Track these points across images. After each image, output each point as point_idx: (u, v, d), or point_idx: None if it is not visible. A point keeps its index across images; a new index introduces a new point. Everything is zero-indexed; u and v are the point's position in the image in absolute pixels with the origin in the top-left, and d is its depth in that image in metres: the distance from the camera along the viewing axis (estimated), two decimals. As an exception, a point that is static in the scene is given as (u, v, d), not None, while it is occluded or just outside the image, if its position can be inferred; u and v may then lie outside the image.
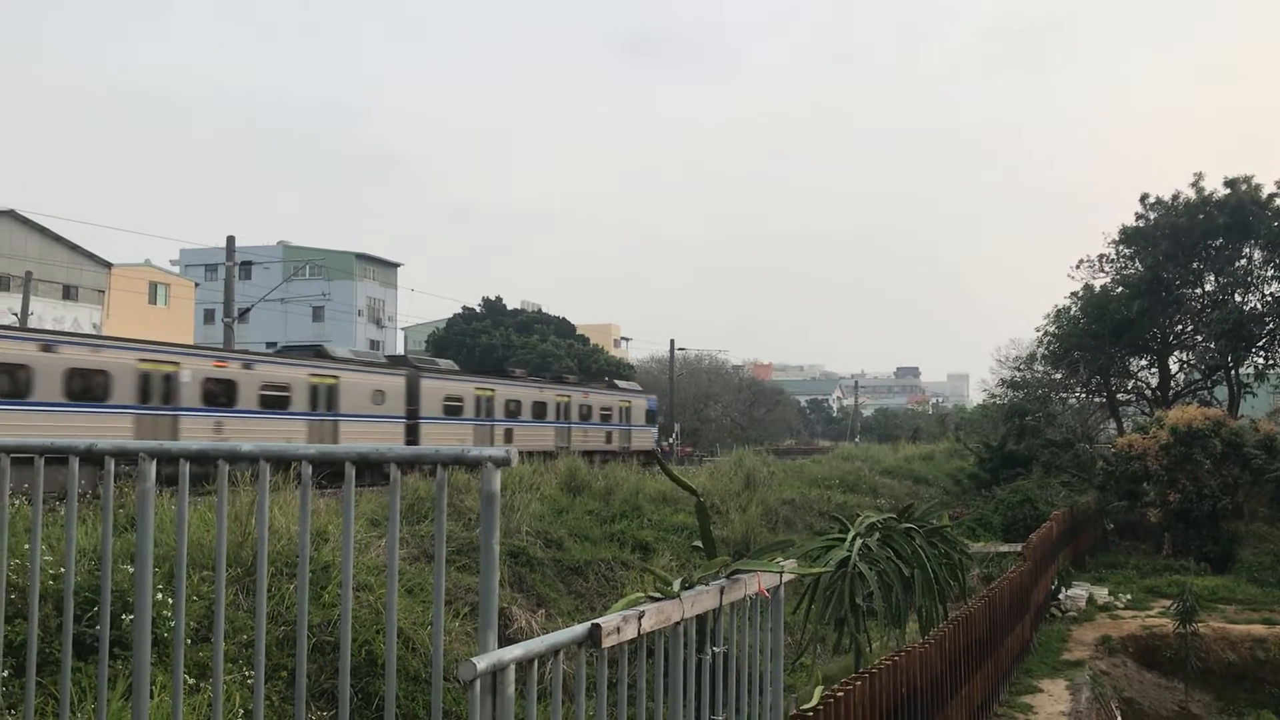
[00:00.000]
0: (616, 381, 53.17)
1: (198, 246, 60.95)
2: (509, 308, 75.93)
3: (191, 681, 7.30)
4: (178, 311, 63.42)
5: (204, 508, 11.42)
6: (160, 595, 6.78)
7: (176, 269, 74.81)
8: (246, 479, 11.81)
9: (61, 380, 22.54)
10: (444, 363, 39.63)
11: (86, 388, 23.19)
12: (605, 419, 46.22)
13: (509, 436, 38.49)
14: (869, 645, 11.26)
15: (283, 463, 3.85)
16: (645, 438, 49.24)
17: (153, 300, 61.62)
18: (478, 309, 74.29)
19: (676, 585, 4.76)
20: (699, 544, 6.13)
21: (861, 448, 65.99)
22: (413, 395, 33.87)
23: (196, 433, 25.35)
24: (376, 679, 9.03)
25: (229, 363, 27.33)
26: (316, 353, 32.54)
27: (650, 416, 51.18)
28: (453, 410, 35.90)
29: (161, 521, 9.11)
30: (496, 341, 68.20)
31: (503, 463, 3.26)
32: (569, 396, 43.35)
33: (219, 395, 26.40)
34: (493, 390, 38.36)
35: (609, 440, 45.75)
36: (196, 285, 68.95)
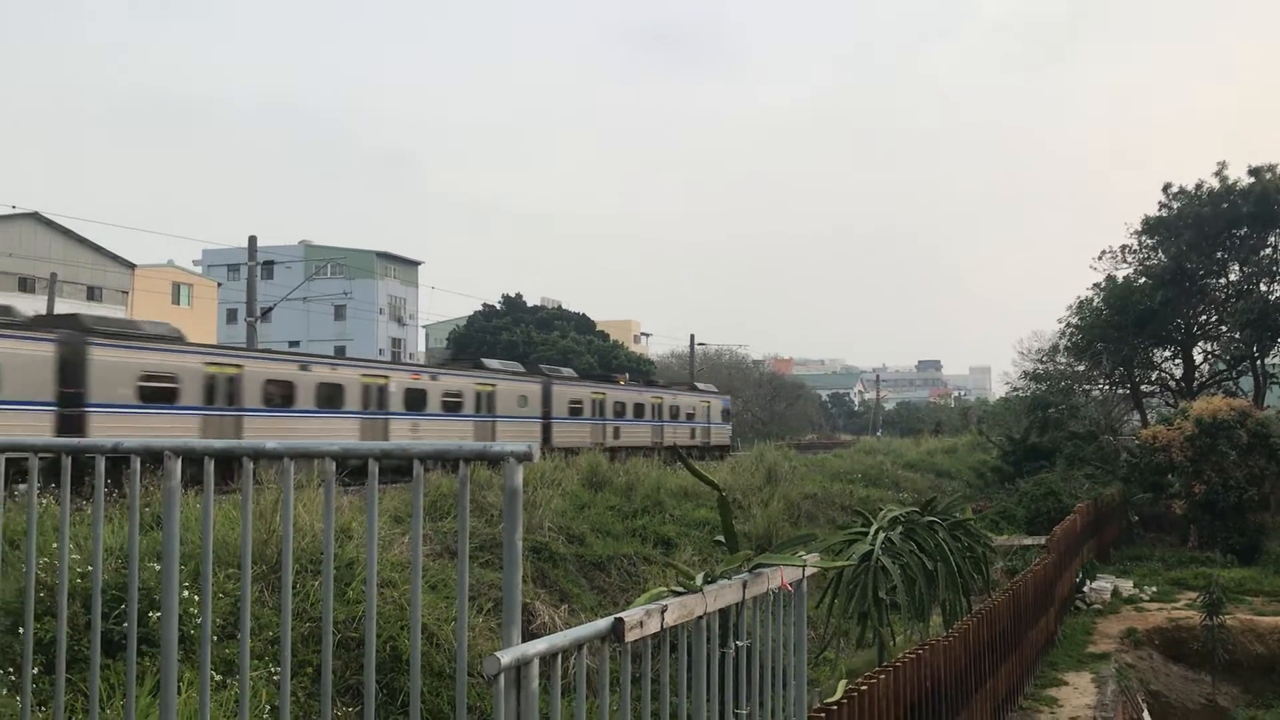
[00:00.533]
0: (696, 384, 57.65)
1: (220, 247, 61.32)
2: (529, 305, 76.09)
3: (218, 678, 7.35)
4: (201, 311, 63.83)
5: (229, 506, 11.50)
6: (187, 593, 6.84)
7: (199, 269, 75.30)
8: (271, 477, 11.88)
9: (313, 393, 28.04)
10: (566, 371, 45.13)
11: (329, 398, 28.55)
12: (690, 418, 50.94)
13: (617, 433, 43.57)
14: (892, 639, 11.24)
15: (306, 460, 3.87)
16: (722, 434, 54.42)
17: (176, 300, 62.06)
18: (498, 306, 74.50)
19: (699, 579, 4.76)
20: (721, 538, 6.14)
21: (883, 442, 65.80)
22: (546, 399, 39.26)
23: (402, 433, 31.00)
24: (401, 674, 9.08)
25: (420, 375, 33.24)
26: (475, 364, 38.24)
27: (725, 415, 55.68)
28: (575, 411, 41.07)
29: (187, 520, 9.20)
30: (517, 339, 68.36)
31: (525, 458, 3.26)
32: (662, 398, 48.40)
33: (415, 402, 31.94)
34: (604, 394, 43.76)
35: (693, 436, 50.65)
36: (219, 285, 69.39)
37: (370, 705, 3.53)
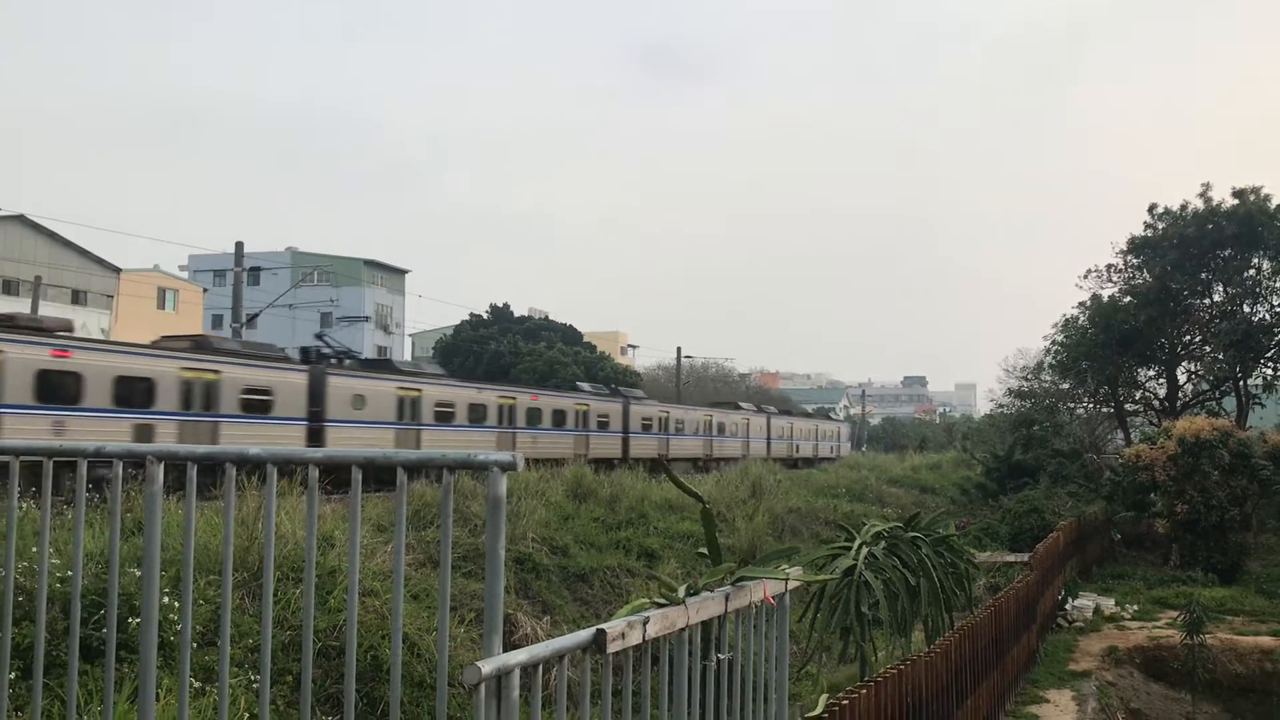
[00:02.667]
0: (830, 414, 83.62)
1: (206, 252, 61.12)
2: (516, 315, 75.97)
3: (197, 685, 7.31)
4: (186, 316, 63.56)
5: (211, 512, 11.44)
6: (167, 599, 6.80)
7: (185, 274, 75.01)
8: (253, 484, 11.84)
9: (466, 411, 35.00)
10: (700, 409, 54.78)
11: (477, 415, 35.56)
12: (823, 436, 71.54)
13: (768, 448, 58.28)
14: (874, 654, 11.24)
15: (289, 468, 3.87)
16: (845, 448, 74.25)
17: (161, 305, 61.79)
18: (485, 316, 74.35)
19: (681, 591, 4.76)
20: (704, 551, 6.14)
21: (868, 457, 65.96)
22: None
23: (525, 444, 37.34)
24: (381, 684, 9.04)
25: (538, 396, 40.29)
26: (573, 386, 46.77)
27: (844, 434, 78.10)
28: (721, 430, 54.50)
29: (169, 526, 9.15)
30: (503, 349, 68.25)
31: (508, 467, 3.27)
32: (798, 424, 67.33)
33: (534, 418, 38.88)
34: (746, 420, 58.14)
35: (817, 451, 68.34)
36: (205, 290, 69.12)
37: (350, 714, 3.51)
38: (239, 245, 38.17)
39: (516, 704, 3.31)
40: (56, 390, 22.49)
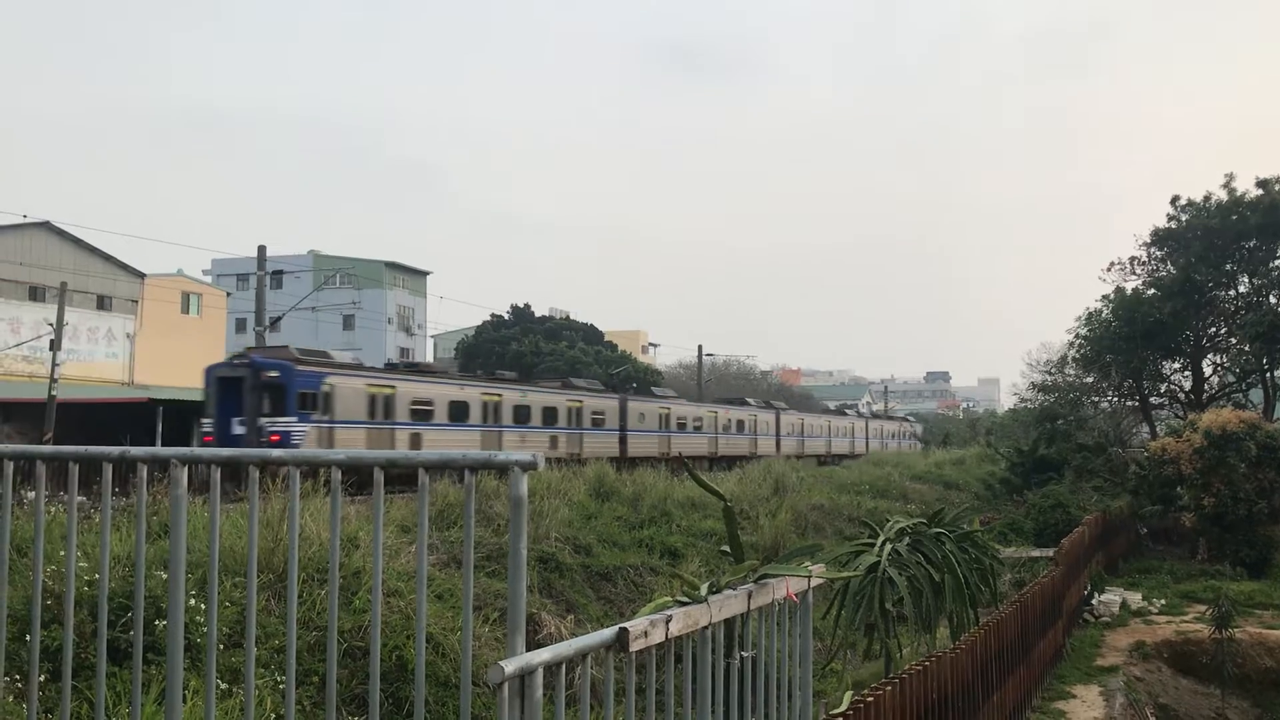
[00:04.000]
0: (907, 417, 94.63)
1: (230, 256, 61.49)
2: (537, 315, 76.10)
3: (224, 686, 7.36)
4: (210, 321, 63.99)
5: (236, 515, 11.52)
6: (194, 601, 6.85)
7: (209, 279, 75.52)
8: (278, 486, 11.91)
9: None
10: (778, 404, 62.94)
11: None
12: (894, 436, 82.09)
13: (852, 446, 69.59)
14: (899, 651, 11.21)
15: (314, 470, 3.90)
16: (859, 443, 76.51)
17: (185, 310, 62.19)
18: (506, 316, 74.51)
19: (704, 590, 4.76)
20: (727, 549, 6.13)
21: (891, 453, 65.68)
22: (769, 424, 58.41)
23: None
24: (406, 684, 9.07)
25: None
26: (649, 392, 52.19)
27: (915, 433, 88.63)
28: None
29: (195, 529, 9.21)
30: (525, 349, 68.39)
31: (529, 467, 3.28)
32: (810, 420, 68.01)
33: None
34: (827, 423, 68.83)
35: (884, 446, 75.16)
36: (228, 295, 69.57)
37: (375, 714, 3.53)
38: (261, 249, 38.39)
39: (540, 703, 3.32)
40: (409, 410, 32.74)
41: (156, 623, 7.10)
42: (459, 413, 34.24)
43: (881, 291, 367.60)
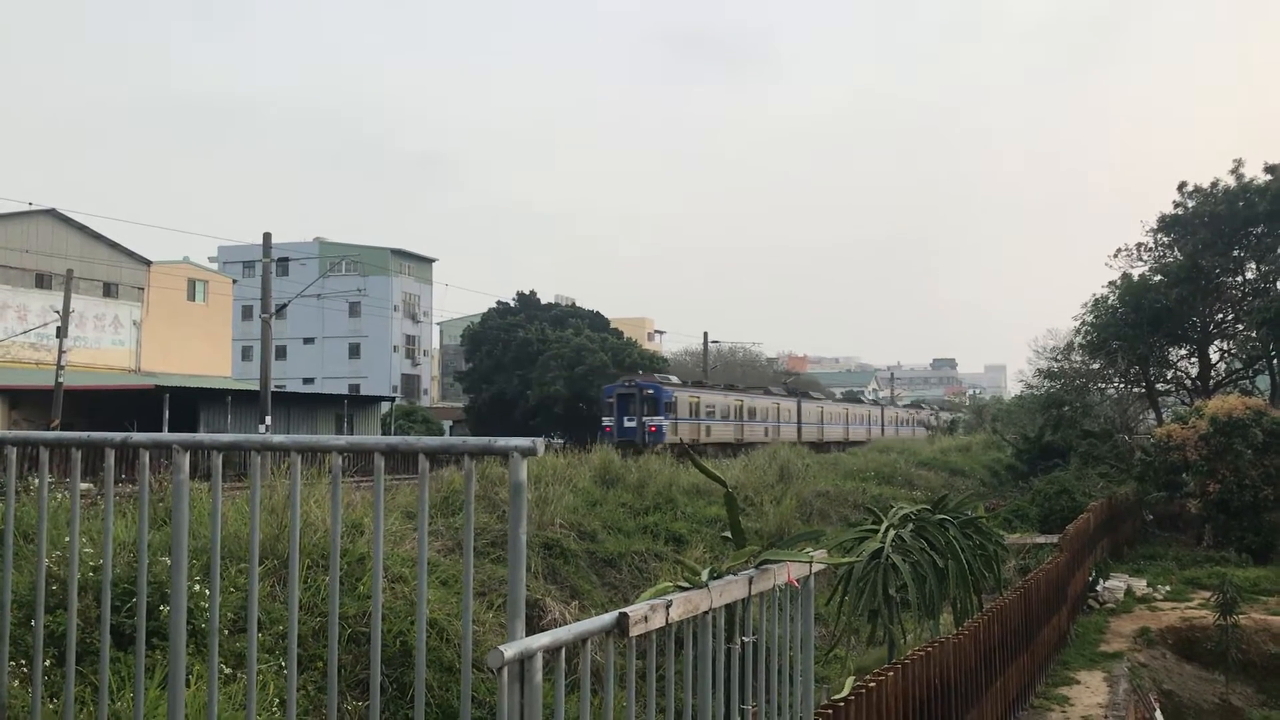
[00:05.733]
0: (920, 404, 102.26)
1: (236, 244, 61.54)
2: (543, 302, 76.05)
3: (228, 671, 7.40)
4: (216, 308, 64.07)
5: (241, 501, 11.55)
6: (198, 587, 6.88)
7: (215, 266, 75.61)
8: (283, 471, 11.93)
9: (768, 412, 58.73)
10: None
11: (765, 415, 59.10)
12: (906, 423, 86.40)
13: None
14: (903, 637, 11.23)
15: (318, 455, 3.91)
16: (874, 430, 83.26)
17: (191, 297, 62.26)
18: (512, 303, 74.46)
19: (705, 575, 4.77)
20: (729, 534, 6.14)
21: (898, 439, 65.67)
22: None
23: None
24: (411, 669, 9.10)
25: (813, 402, 67.48)
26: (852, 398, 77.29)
27: (924, 420, 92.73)
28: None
29: (201, 515, 9.25)
30: (531, 335, 68.36)
31: (529, 453, 3.29)
32: (809, 406, 73.37)
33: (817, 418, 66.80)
34: (844, 410, 76.84)
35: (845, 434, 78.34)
36: (234, 282, 69.66)
37: (375, 698, 3.55)
38: (267, 236, 38.39)
39: (540, 687, 3.34)
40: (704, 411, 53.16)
41: (161, 608, 7.13)
42: (724, 412, 55.57)
43: (889, 280, 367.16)
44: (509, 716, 3.23)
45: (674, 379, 56.00)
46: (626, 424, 50.07)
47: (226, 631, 7.87)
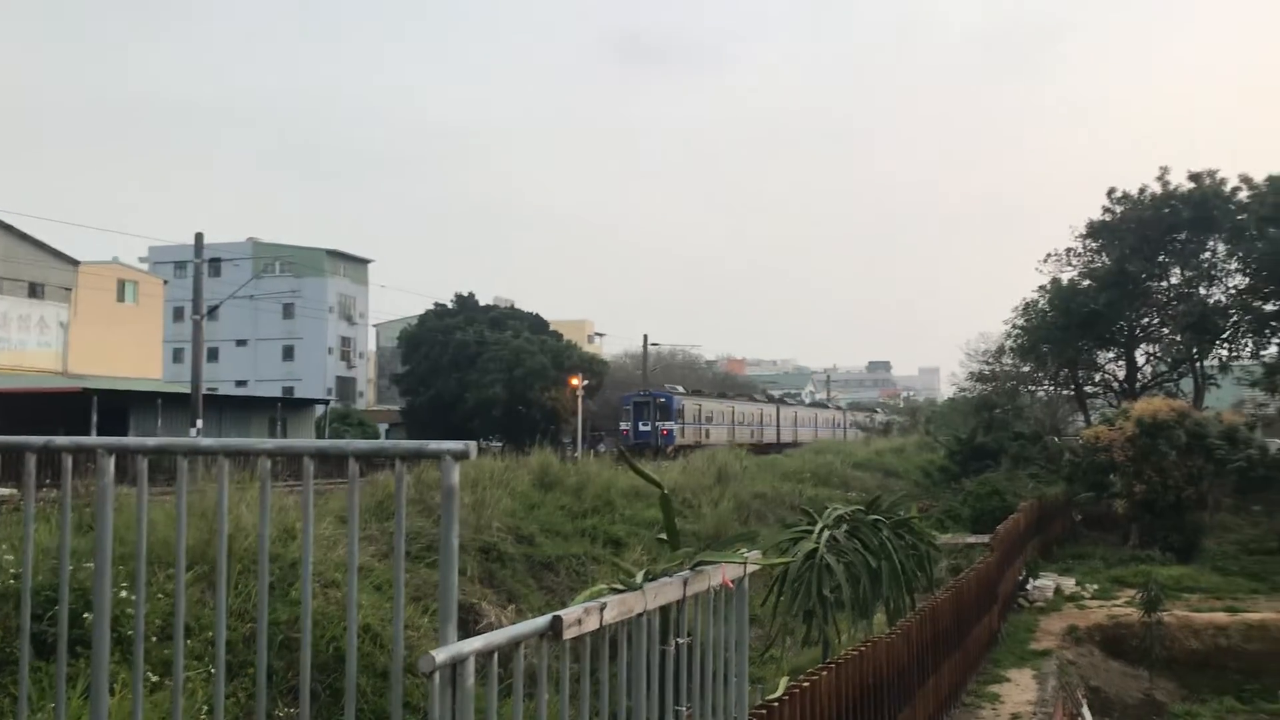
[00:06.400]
0: (875, 409, 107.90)
1: (167, 244, 60.45)
2: (481, 304, 75.60)
3: (154, 679, 7.26)
4: (147, 309, 62.84)
5: (171, 506, 11.34)
6: (124, 593, 6.75)
7: (145, 267, 74.13)
8: (214, 476, 11.73)
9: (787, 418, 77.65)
10: None
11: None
12: (863, 426, 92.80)
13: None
14: (837, 637, 11.33)
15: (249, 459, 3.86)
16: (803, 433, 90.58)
17: (121, 298, 61.01)
18: (450, 305, 73.89)
19: (639, 577, 4.78)
20: (664, 536, 6.16)
21: (835, 441, 66.36)
22: None
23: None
24: (344, 674, 9.00)
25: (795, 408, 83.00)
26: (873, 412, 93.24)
27: (862, 422, 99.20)
28: None
29: (129, 520, 9.06)
30: (469, 338, 67.90)
31: (461, 456, 3.27)
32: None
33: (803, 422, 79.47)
34: (814, 414, 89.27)
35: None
36: (165, 283, 68.35)
37: (305, 704, 3.52)
38: (199, 236, 37.76)
39: (471, 692, 3.32)
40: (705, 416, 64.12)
41: (85, 616, 6.98)
42: (720, 417, 64.30)
43: (825, 283, 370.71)
44: (440, 721, 3.22)
45: (680, 389, 64.36)
46: (642, 428, 58.13)
47: (154, 639, 7.72)
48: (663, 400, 59.23)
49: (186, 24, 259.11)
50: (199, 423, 35.31)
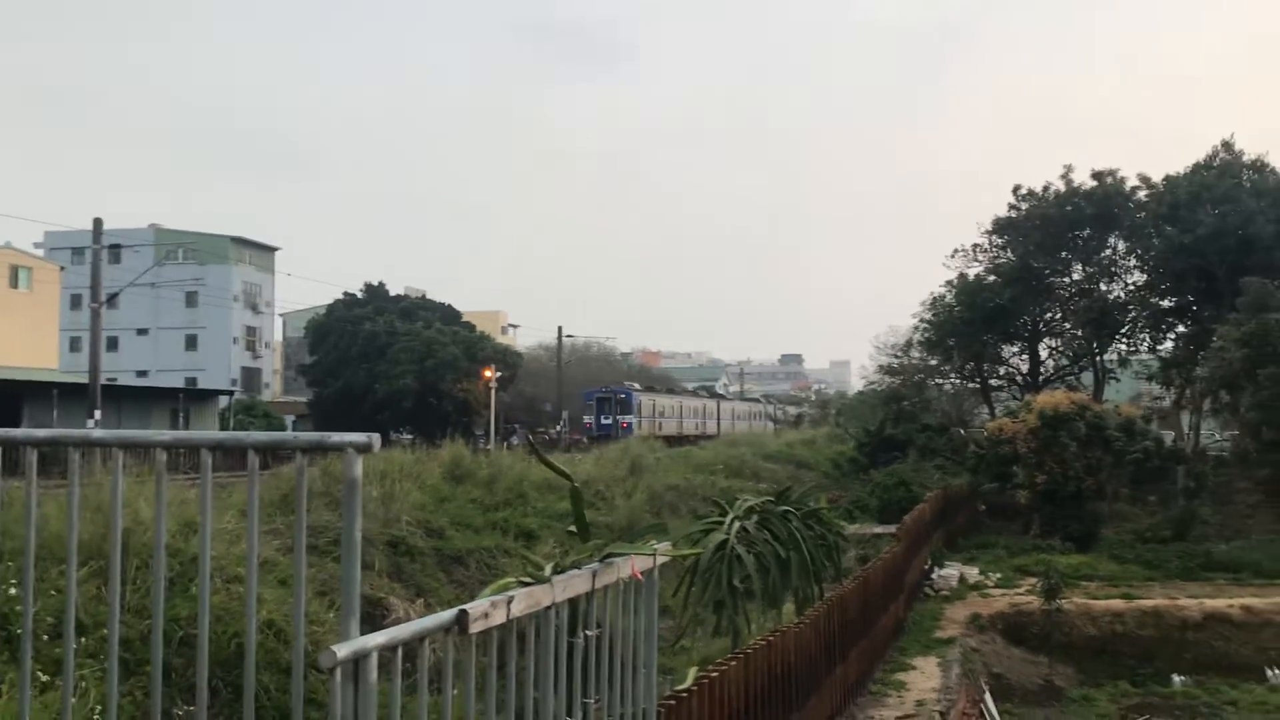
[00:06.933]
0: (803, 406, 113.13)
1: (65, 229, 58.53)
2: (392, 294, 74.62)
3: (45, 679, 7.05)
4: (42, 296, 60.73)
5: (65, 499, 11.00)
6: (13, 590, 6.54)
7: (40, 253, 71.65)
8: (108, 469, 11.42)
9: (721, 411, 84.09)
10: None
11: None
12: (791, 420, 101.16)
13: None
14: (747, 626, 11.45)
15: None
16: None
17: (14, 284, 58.87)
18: (359, 295, 72.78)
19: (548, 570, 4.77)
20: (573, 529, 6.16)
21: (749, 433, 67.05)
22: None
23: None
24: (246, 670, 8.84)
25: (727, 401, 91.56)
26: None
27: (769, 414, 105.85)
28: None
29: (19, 514, 8.79)
30: (379, 328, 66.98)
31: (364, 449, 3.22)
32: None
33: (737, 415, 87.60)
34: (748, 408, 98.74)
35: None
36: (62, 269, 66.15)
37: (202, 700, 3.45)
38: (97, 221, 36.62)
39: (374, 687, 3.28)
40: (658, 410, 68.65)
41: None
42: (672, 411, 71.28)
43: (738, 276, 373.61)
44: (342, 718, 3.18)
45: (637, 386, 71.50)
46: (604, 421, 63.19)
47: (46, 637, 7.49)
48: (623, 396, 65.53)
49: (97, 4, 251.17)
50: (97, 414, 34.26)
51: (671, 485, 30.11)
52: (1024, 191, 42.98)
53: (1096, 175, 41.96)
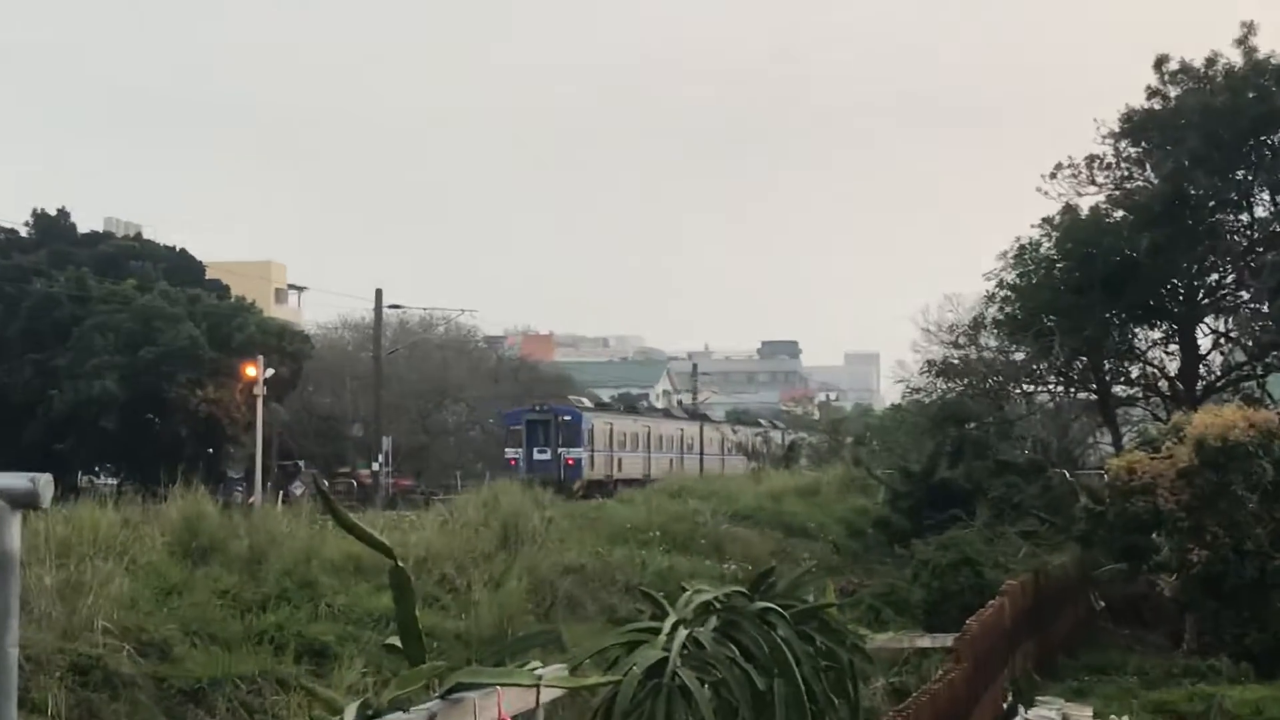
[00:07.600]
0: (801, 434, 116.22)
1: None
2: (82, 231, 73.37)
3: None
4: None
5: None
6: None
7: None
8: None
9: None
10: None
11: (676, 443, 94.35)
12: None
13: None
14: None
15: None
16: None
17: None
18: (24, 232, 71.42)
19: (351, 714, 4.77)
20: (395, 641, 6.16)
21: (703, 478, 67.12)
22: None
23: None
24: None
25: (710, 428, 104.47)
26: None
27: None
28: None
29: None
30: (59, 290, 65.58)
31: (26, 502, 3.20)
32: None
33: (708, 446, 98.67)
34: (748, 433, 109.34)
35: None
36: None
37: None
38: None
39: None
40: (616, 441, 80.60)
41: None
42: (641, 440, 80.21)
43: (691, 220, 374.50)
44: None
45: (585, 401, 78.26)
46: (538, 456, 67.11)
47: None
48: (568, 418, 69.95)
49: None
50: None
51: (572, 566, 30.12)
52: (1174, 68, 42.86)
53: (1295, 39, 42.44)
